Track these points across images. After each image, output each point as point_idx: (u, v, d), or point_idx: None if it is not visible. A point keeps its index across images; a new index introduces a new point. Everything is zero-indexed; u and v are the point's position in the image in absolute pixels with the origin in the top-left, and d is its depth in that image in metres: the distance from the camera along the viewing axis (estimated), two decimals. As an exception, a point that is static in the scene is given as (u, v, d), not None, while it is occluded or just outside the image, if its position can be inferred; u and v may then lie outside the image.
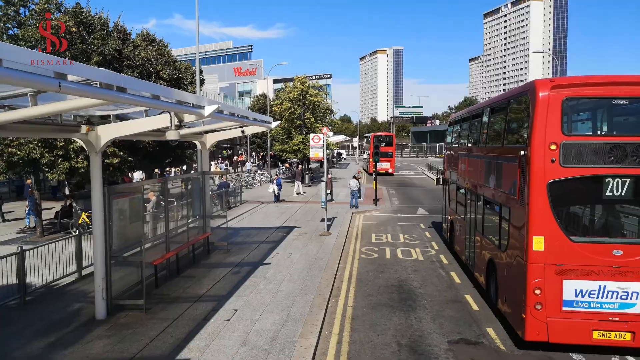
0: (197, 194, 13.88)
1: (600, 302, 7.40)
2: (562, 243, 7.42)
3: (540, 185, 7.40)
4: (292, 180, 40.89)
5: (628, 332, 7.35)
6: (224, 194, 23.56)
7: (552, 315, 7.48)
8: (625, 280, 7.30)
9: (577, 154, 7.35)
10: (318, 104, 36.89)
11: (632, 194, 7.40)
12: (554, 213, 7.44)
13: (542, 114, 7.38)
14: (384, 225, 20.06)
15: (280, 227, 18.97)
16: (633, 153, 7.24)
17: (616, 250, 7.36)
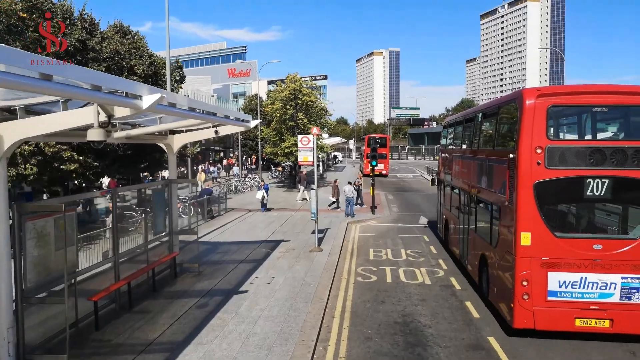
0: (160, 206, 11.60)
1: (582, 293, 8.04)
2: (547, 238, 8.06)
3: (527, 185, 8.04)
4: (285, 185, 38.71)
5: (607, 320, 7.99)
6: (206, 203, 21.30)
7: (538, 304, 8.12)
8: (605, 272, 7.95)
9: (560, 157, 8.00)
10: (311, 104, 34.65)
11: (610, 193, 8.09)
12: (539, 211, 8.08)
13: (529, 120, 8.02)
14: (383, 237, 17.83)
15: (266, 241, 16.70)
16: (611, 156, 7.90)
17: (596, 245, 8.01)
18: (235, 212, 23.90)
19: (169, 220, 12.16)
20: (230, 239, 17.25)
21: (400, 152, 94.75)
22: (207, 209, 22.03)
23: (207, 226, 19.95)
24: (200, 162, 48.43)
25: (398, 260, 14.18)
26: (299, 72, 35.11)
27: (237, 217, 22.28)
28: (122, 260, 10.05)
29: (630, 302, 7.95)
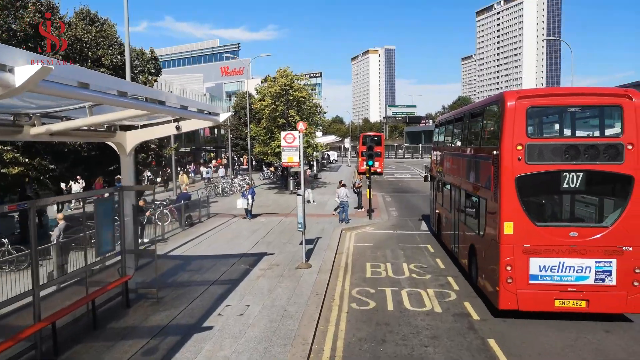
0: (107, 219, 9.36)
1: (560, 276, 8.78)
2: (528, 227, 8.82)
3: (509, 179, 8.84)
4: (277, 187, 36.48)
5: (583, 300, 8.76)
6: (184, 208, 19.05)
7: (521, 287, 8.84)
8: (580, 257, 8.72)
9: (539, 153, 8.77)
10: (303, 100, 32.43)
11: (584, 185, 8.84)
12: (521, 202, 8.86)
13: (510, 120, 8.80)
14: (382, 247, 15.65)
15: (247, 254, 14.50)
16: (585, 152, 8.68)
17: (572, 232, 8.81)
18: (218, 217, 21.68)
19: (120, 236, 9.93)
20: (206, 251, 15.03)
21: (397, 150, 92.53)
22: (186, 216, 19.81)
23: (183, 235, 17.73)
24: (189, 163, 46.04)
25: (400, 279, 12.01)
26: (290, 67, 32.87)
27: (219, 224, 20.05)
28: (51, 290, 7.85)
29: (603, 284, 8.73)
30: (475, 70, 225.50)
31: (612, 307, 8.84)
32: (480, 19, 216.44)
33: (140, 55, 20.55)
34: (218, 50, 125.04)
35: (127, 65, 14.67)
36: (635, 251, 8.64)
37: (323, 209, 24.45)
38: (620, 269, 8.65)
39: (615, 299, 8.72)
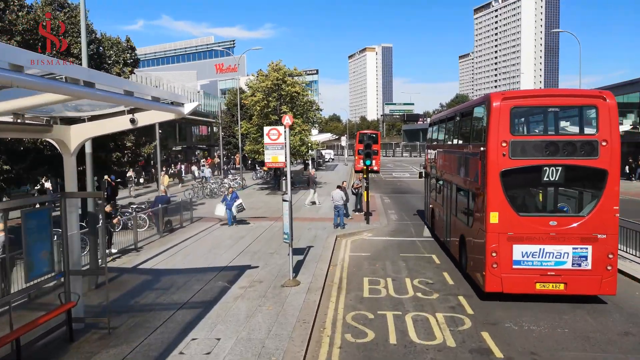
0: (41, 236, 7.53)
1: (541, 261, 9.55)
2: (511, 217, 9.60)
3: (494, 173, 9.61)
4: (269, 187, 34.69)
5: (562, 283, 9.55)
6: (161, 213, 17.22)
7: (505, 272, 9.63)
8: (559, 244, 9.48)
9: (521, 149, 9.58)
10: (297, 95, 30.60)
11: (563, 178, 9.65)
12: (505, 194, 9.63)
13: (495, 119, 9.56)
14: (381, 258, 13.89)
15: (227, 267, 12.71)
16: (563, 148, 9.51)
17: (552, 222, 9.58)
18: (203, 222, 19.87)
19: (63, 253, 8.11)
20: (182, 263, 13.22)
21: (394, 149, 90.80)
22: (165, 221, 17.99)
23: (160, 243, 15.94)
24: (175, 163, 44.05)
25: (403, 299, 10.24)
26: (282, 61, 31.04)
27: (202, 229, 18.24)
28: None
29: (580, 268, 9.44)
30: (473, 68, 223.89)
31: (587, 289, 9.64)
32: (478, 16, 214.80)
33: (116, 44, 18.66)
34: (212, 47, 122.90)
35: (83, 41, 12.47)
36: (608, 238, 9.44)
37: (317, 212, 22.68)
38: (595, 254, 9.43)
39: (591, 282, 9.51)
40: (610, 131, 9.36)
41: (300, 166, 52.59)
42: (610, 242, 9.45)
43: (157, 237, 16.86)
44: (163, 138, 51.88)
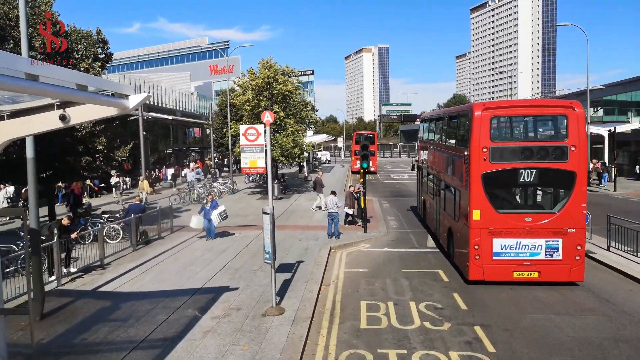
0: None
1: (517, 252, 10.73)
2: (492, 214, 10.74)
3: (476, 175, 10.72)
4: (262, 191, 32.89)
5: (536, 272, 10.74)
6: (134, 224, 15.40)
7: (486, 262, 10.78)
8: (534, 238, 10.67)
9: (500, 154, 10.70)
10: (289, 94, 28.85)
11: (537, 180, 10.85)
12: (486, 194, 10.74)
13: (477, 127, 10.67)
14: (381, 275, 12.14)
15: (202, 288, 10.93)
16: (537, 153, 10.68)
17: (527, 218, 10.77)
18: (184, 232, 18.06)
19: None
20: (150, 284, 11.43)
21: (392, 149, 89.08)
22: (141, 231, 16.20)
23: (131, 258, 14.15)
24: (160, 167, 41.98)
25: (408, 331, 8.48)
26: (274, 58, 29.28)
27: (181, 241, 16.44)
28: None
29: (552, 259, 10.71)
30: (470, 68, 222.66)
31: (558, 277, 10.75)
32: (474, 16, 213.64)
33: (87, 38, 16.86)
34: (207, 49, 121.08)
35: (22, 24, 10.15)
36: (577, 232, 10.61)
37: (310, 219, 20.92)
38: (565, 246, 10.59)
39: (561, 271, 10.69)
40: (578, 137, 10.58)
41: (295, 168, 50.82)
42: (579, 235, 10.69)
43: (130, 251, 15.07)
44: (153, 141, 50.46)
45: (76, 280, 11.96)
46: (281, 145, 27.62)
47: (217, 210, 16.22)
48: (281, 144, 27.59)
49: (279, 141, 27.68)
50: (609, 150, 33.31)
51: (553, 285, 10.86)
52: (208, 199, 17.11)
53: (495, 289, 10.83)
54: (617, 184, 28.16)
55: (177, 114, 54.95)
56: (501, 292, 10.61)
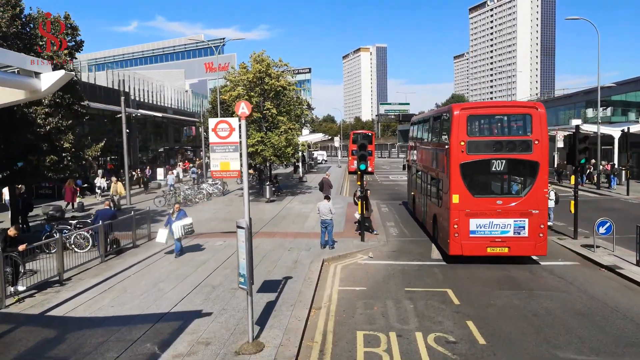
0: None
1: (490, 231, 12.44)
2: (468, 198, 12.48)
3: (455, 165, 12.48)
4: (253, 193, 31.17)
5: (506, 247, 12.46)
6: (102, 231, 13.63)
7: (464, 239, 12.50)
8: (504, 218, 12.39)
9: (475, 147, 12.53)
10: (282, 90, 27.13)
11: (506, 169, 12.71)
12: (463, 181, 12.53)
13: (456, 124, 12.51)
14: (381, 296, 10.45)
15: (168, 313, 9.21)
16: (506, 146, 12.49)
17: (498, 201, 12.56)
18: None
19: None
20: (109, 307, 9.69)
21: (390, 149, 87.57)
22: (111, 240, 14.46)
23: (97, 271, 12.43)
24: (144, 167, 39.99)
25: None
26: (266, 52, 27.56)
27: (157, 251, 14.67)
28: None
29: (519, 236, 12.41)
30: (468, 68, 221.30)
31: (525, 251, 12.67)
32: (473, 15, 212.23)
33: (54, 23, 15.11)
34: (202, 46, 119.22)
35: None
36: (540, 213, 12.45)
37: (303, 224, 19.23)
38: (530, 225, 12.36)
39: (527, 246, 12.49)
40: (541, 133, 12.38)
41: (290, 168, 49.11)
42: (542, 216, 12.51)
43: (97, 262, 13.34)
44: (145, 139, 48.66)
45: (25, 300, 10.22)
46: (273, 144, 25.91)
47: (182, 222, 13.57)
48: (273, 143, 25.88)
49: (271, 140, 25.97)
50: (619, 151, 31.76)
51: (593, 317, 9.22)
52: (174, 208, 14.37)
53: (516, 317, 9.18)
54: (629, 187, 26.59)
55: (168, 111, 53.18)
56: (524, 323, 8.93)
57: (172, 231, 13.49)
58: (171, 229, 13.49)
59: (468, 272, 12.31)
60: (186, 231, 13.65)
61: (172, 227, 13.45)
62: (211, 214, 22.62)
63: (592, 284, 11.27)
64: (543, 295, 10.35)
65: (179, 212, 14.02)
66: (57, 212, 20.38)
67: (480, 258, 12.63)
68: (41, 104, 14.28)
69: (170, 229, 13.53)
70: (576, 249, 14.31)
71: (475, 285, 11.21)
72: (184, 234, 13.66)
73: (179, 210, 14.14)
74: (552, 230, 17.39)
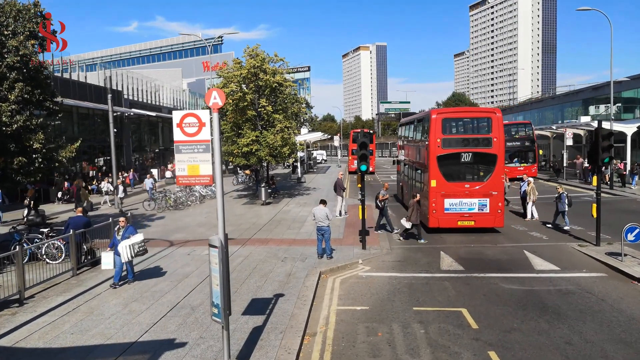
0: None
1: (460, 208, 15.98)
2: (443, 183, 16.01)
3: (433, 157, 16.09)
4: (249, 195, 29.77)
5: (472, 221, 16.06)
6: (73, 242, 12.18)
7: (440, 215, 15.98)
8: (470, 198, 15.96)
9: (448, 143, 16.14)
10: (278, 86, 25.70)
11: (472, 160, 16.29)
12: (439, 169, 16.05)
13: (434, 125, 16.21)
14: (386, 317, 9.04)
15: (136, 343, 7.79)
16: (472, 142, 16.11)
17: (466, 185, 16.10)
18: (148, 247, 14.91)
19: None
20: (69, 334, 8.27)
21: (390, 149, 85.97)
22: (87, 250, 13.05)
23: (64, 288, 11.02)
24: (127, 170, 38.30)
25: None
26: (261, 46, 26.15)
27: (139, 261, 13.28)
28: None
29: (482, 212, 16.01)
30: (469, 66, 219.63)
31: (487, 224, 16.22)
32: (473, 13, 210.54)
33: (21, 11, 13.68)
34: (199, 45, 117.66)
35: None
36: (498, 194, 16.10)
37: (299, 229, 17.82)
38: (491, 203, 16.00)
39: (489, 220, 16.14)
40: (498, 132, 16.06)
41: (288, 169, 47.68)
42: (500, 196, 16.13)
43: (68, 276, 11.94)
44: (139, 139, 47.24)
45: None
46: (269, 144, 24.51)
47: (130, 240, 10.88)
48: (269, 142, 24.47)
49: (266, 139, 24.56)
50: (632, 148, 30.34)
51: (637, 345, 7.80)
52: (120, 224, 11.41)
53: (547, 347, 7.76)
54: (645, 187, 25.13)
55: (163, 110, 51.74)
56: (558, 356, 7.51)
57: (117, 253, 10.93)
58: (116, 251, 10.95)
59: (483, 286, 10.90)
60: (137, 252, 10.95)
61: (117, 249, 10.90)
62: (202, 218, 21.24)
63: (627, 301, 9.85)
64: (573, 317, 8.93)
65: (125, 229, 11.20)
66: (37, 217, 18.97)
67: (453, 229, 16.19)
68: (7, 100, 12.85)
69: (116, 250, 10.98)
70: (601, 258, 12.88)
71: (494, 303, 9.79)
72: (134, 255, 10.93)
73: (125, 227, 11.27)
74: (571, 235, 16.04)
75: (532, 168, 33.82)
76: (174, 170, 37.72)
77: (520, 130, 36.33)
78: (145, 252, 11.37)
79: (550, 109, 55.29)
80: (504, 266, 12.62)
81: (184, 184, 7.06)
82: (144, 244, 11.22)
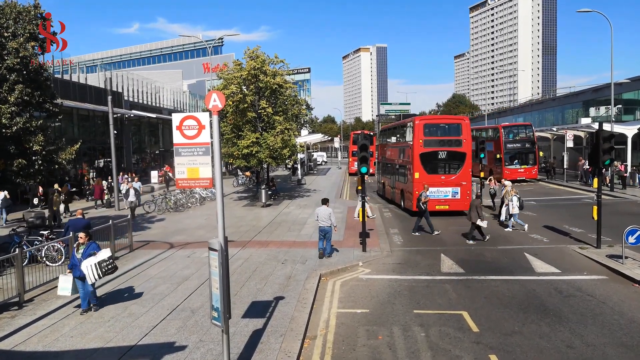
0: None
1: (437, 195, 19.97)
2: (425, 175, 20.00)
3: (417, 155, 20.38)
4: (249, 197, 29.75)
5: (447, 205, 20.33)
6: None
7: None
8: (445, 187, 20.28)
9: (429, 143, 20.50)
10: (278, 88, 25.69)
11: (447, 157, 20.70)
12: (422, 164, 20.32)
13: (417, 130, 20.62)
14: (386, 321, 9.01)
15: (134, 347, 7.76)
16: (447, 143, 20.70)
17: (442, 177, 20.45)
18: (145, 250, 14.97)
19: None
20: (68, 337, 8.24)
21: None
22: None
23: (65, 291, 10.93)
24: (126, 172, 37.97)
25: None
26: (261, 48, 26.15)
27: (137, 264, 13.29)
28: None
29: (455, 198, 20.28)
30: (469, 67, 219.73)
31: (459, 208, 20.26)
32: (473, 14, 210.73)
33: (22, 13, 13.68)
34: (200, 46, 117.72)
35: None
36: (467, 184, 20.32)
37: (299, 232, 17.80)
38: (462, 191, 20.23)
39: (460, 204, 20.20)
40: (467, 135, 20.66)
41: (289, 171, 47.66)
42: (468, 186, 20.30)
43: (68, 279, 11.87)
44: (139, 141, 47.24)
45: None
46: (269, 146, 24.50)
47: (96, 257, 9.28)
48: (269, 144, 24.47)
49: (266, 141, 24.56)
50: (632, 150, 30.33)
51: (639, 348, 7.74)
52: (79, 240, 9.60)
53: (549, 350, 7.73)
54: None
55: (163, 112, 51.76)
56: (559, 359, 7.48)
57: (79, 273, 9.24)
58: (79, 272, 9.22)
59: (484, 289, 10.87)
60: (105, 270, 9.33)
61: (83, 269, 9.16)
62: (202, 220, 21.23)
63: (628, 303, 9.82)
64: (574, 320, 8.90)
65: (87, 246, 9.45)
66: (37, 219, 18.93)
67: (432, 212, 18.20)
68: (7, 102, 12.84)
69: (78, 271, 9.26)
70: (602, 260, 12.85)
71: (495, 306, 9.76)
72: (101, 275, 9.29)
73: (87, 244, 9.50)
74: (572, 238, 16.01)
75: (532, 170, 33.80)
76: (163, 174, 37.35)
77: (520, 132, 36.31)
78: (114, 270, 9.72)
79: (550, 111, 55.32)
80: (505, 269, 12.58)
81: (183, 187, 7.01)
82: (112, 261, 9.62)
